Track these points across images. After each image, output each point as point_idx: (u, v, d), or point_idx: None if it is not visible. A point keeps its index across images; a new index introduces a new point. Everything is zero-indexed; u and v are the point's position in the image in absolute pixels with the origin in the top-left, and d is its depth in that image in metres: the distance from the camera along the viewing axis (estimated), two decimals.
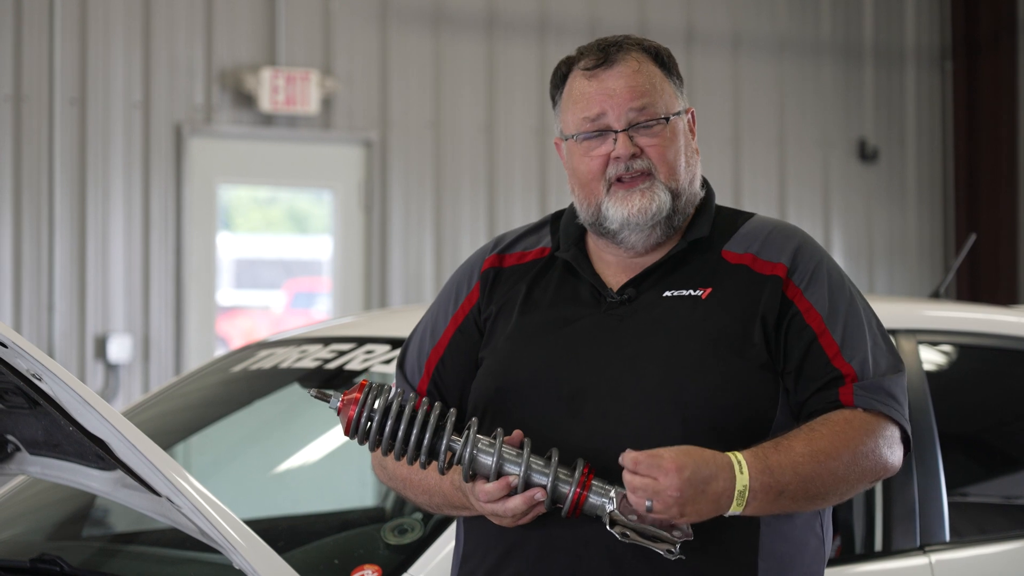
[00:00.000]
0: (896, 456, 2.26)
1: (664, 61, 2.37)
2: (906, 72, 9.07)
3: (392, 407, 2.17)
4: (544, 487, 2.15)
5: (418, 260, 7.82)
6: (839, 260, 8.59)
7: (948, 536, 3.32)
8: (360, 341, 3.56)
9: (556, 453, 2.17)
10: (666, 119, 2.32)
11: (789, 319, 2.27)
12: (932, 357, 3.61)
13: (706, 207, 2.39)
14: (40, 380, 2.43)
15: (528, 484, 2.16)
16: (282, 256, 8.34)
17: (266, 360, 3.68)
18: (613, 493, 2.14)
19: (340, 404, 2.19)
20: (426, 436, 2.16)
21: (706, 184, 2.42)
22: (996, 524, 3.71)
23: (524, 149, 8.07)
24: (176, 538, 2.93)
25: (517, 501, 2.16)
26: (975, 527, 3.58)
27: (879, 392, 2.26)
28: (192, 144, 7.38)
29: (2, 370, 2.44)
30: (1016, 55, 8.83)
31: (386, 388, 2.19)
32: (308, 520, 3.79)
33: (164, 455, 2.44)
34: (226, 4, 7.46)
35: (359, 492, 4.18)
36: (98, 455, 2.56)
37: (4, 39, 7.05)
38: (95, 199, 7.17)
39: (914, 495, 3.29)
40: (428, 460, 2.18)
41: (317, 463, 3.92)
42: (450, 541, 2.77)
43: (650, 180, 2.31)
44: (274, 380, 3.69)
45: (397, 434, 2.16)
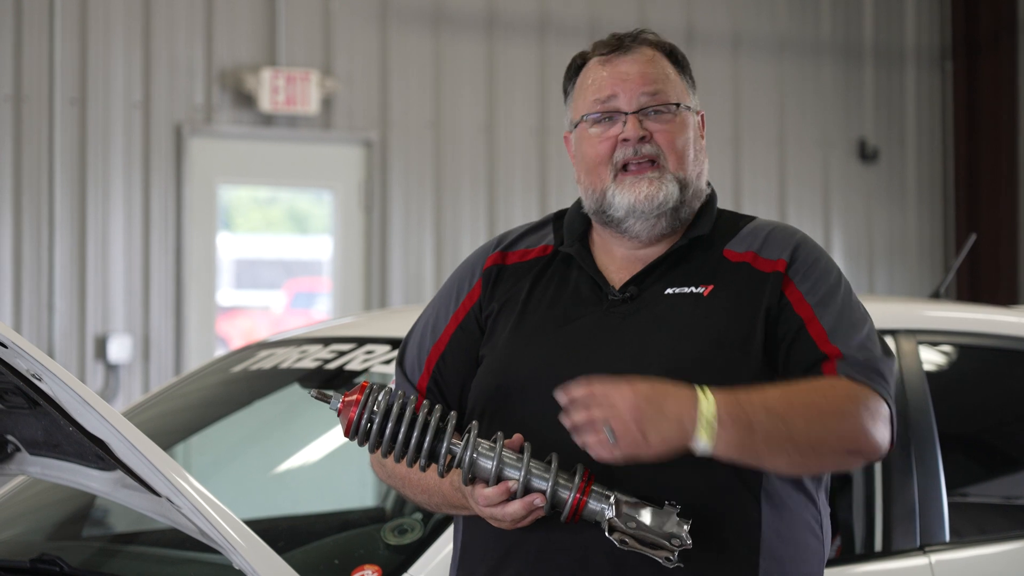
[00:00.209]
0: (881, 434, 2.18)
1: (678, 59, 2.39)
2: (906, 72, 9.07)
3: (393, 409, 2.16)
4: (543, 493, 2.14)
5: (418, 260, 7.82)
6: (839, 260, 8.59)
7: (948, 536, 3.32)
8: (360, 341, 3.56)
9: (556, 458, 2.16)
10: (677, 106, 2.33)
11: (780, 309, 2.27)
12: (932, 357, 3.61)
13: (708, 207, 2.39)
14: (40, 380, 2.43)
15: (527, 489, 2.15)
16: (282, 256, 8.33)
17: (266, 360, 3.68)
18: (612, 499, 2.13)
19: (340, 405, 2.18)
20: (426, 439, 2.16)
21: (709, 186, 2.42)
22: (996, 524, 3.71)
23: (524, 149, 8.07)
24: (176, 538, 2.93)
25: (516, 506, 2.15)
26: (975, 527, 3.58)
27: (866, 369, 2.21)
28: (192, 144, 7.38)
29: (2, 370, 2.43)
30: (1016, 55, 8.83)
31: (387, 390, 2.18)
32: (308, 520, 3.78)
33: (164, 455, 2.43)
34: (226, 4, 7.46)
35: (359, 492, 4.18)
36: (98, 455, 2.56)
37: (4, 39, 7.05)
38: (95, 199, 7.17)
39: (914, 495, 3.29)
40: (428, 463, 2.17)
41: (317, 463, 3.92)
42: (450, 541, 2.77)
43: (659, 170, 2.31)
44: (274, 380, 3.69)
45: (397, 437, 2.16)
